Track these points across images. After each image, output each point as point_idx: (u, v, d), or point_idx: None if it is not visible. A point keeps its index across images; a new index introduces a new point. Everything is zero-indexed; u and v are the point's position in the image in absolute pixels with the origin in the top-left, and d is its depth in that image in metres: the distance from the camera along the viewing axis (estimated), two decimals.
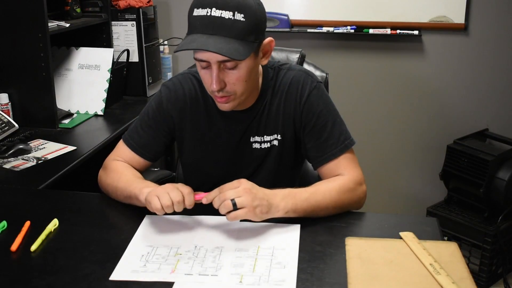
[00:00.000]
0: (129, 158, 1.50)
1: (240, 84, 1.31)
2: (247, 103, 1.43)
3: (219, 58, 1.25)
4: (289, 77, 1.45)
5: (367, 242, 1.21)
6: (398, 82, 2.97)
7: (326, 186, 1.35)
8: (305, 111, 1.43)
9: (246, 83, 1.33)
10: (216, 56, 1.24)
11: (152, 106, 1.50)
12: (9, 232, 1.27)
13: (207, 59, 1.27)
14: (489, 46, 2.82)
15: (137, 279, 1.09)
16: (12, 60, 2.16)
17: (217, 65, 1.27)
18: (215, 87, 1.29)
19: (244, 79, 1.31)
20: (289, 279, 1.08)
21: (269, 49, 1.37)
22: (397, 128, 3.04)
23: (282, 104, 1.44)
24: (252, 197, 1.21)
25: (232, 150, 1.47)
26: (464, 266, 1.12)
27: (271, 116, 1.45)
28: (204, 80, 1.34)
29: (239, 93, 1.33)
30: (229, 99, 1.33)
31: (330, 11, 2.88)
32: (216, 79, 1.28)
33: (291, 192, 1.29)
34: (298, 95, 1.43)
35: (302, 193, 1.30)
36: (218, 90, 1.29)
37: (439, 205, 2.79)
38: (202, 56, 1.27)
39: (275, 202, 1.25)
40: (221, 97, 1.33)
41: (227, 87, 1.31)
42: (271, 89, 1.45)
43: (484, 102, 2.91)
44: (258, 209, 1.21)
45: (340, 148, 1.41)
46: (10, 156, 1.88)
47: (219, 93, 1.31)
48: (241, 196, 1.20)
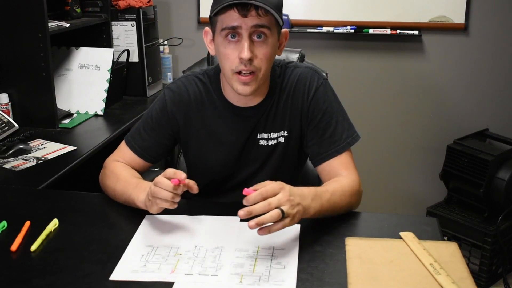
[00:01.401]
0: (130, 160, 1.50)
1: (266, 61, 1.32)
2: (256, 100, 1.44)
3: (254, 21, 1.26)
4: (296, 74, 1.46)
5: (367, 242, 1.21)
6: (398, 82, 2.97)
7: (341, 188, 1.33)
8: (312, 107, 1.44)
9: (269, 64, 1.34)
10: (252, 20, 1.26)
11: (156, 109, 1.50)
12: (9, 232, 1.27)
13: (240, 24, 1.27)
14: (489, 46, 2.83)
15: (137, 279, 1.09)
16: (12, 60, 2.16)
17: (248, 32, 1.28)
18: (247, 55, 1.28)
19: (269, 57, 1.33)
20: (289, 279, 1.08)
21: (284, 40, 1.40)
22: (397, 128, 3.04)
23: (289, 100, 1.45)
24: (292, 204, 1.16)
25: (240, 148, 1.47)
26: (464, 266, 1.12)
27: (278, 113, 1.45)
28: (229, 56, 1.32)
29: (262, 72, 1.33)
30: (252, 77, 1.32)
31: (330, 11, 2.88)
32: (248, 47, 1.28)
33: (317, 192, 1.26)
34: (305, 91, 1.44)
35: (326, 194, 1.28)
36: (248, 59, 1.28)
37: (439, 205, 2.79)
38: (235, 21, 1.27)
39: (307, 205, 1.21)
40: (244, 75, 1.32)
41: (255, 61, 1.31)
42: (279, 86, 1.46)
43: (484, 102, 2.91)
44: (297, 216, 1.17)
45: (342, 146, 1.42)
46: (10, 156, 1.88)
47: (246, 66, 1.30)
48: (285, 205, 1.14)
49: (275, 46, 1.35)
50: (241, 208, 1.15)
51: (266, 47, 1.31)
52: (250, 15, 1.26)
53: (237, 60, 1.30)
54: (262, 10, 1.26)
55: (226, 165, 1.49)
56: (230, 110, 1.45)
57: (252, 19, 1.27)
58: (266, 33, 1.30)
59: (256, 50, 1.30)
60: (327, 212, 1.28)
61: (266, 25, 1.29)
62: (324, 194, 1.27)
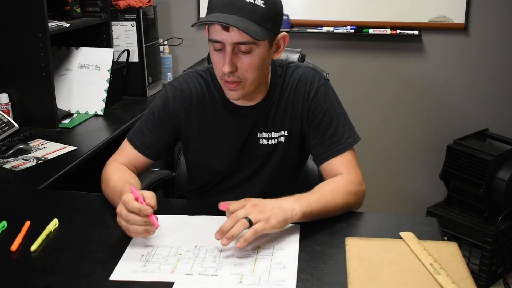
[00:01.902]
0: (132, 157, 1.50)
1: (251, 71, 1.32)
2: (256, 99, 1.44)
3: (234, 39, 1.26)
4: (297, 74, 1.46)
5: (367, 242, 1.21)
6: (398, 82, 2.97)
7: (333, 187, 1.34)
8: (312, 107, 1.44)
9: (257, 72, 1.34)
10: (232, 37, 1.26)
11: (157, 105, 1.50)
12: (9, 232, 1.27)
13: (223, 39, 1.28)
14: (489, 46, 2.83)
15: (137, 279, 1.09)
16: (12, 60, 2.16)
17: (231, 47, 1.28)
18: (227, 69, 1.29)
19: (255, 67, 1.32)
20: (289, 279, 1.08)
21: (282, 44, 1.40)
22: (397, 128, 3.04)
23: (290, 100, 1.45)
24: (261, 209, 1.18)
25: (240, 147, 1.47)
26: (464, 266, 1.12)
27: (279, 112, 1.46)
28: (216, 64, 1.34)
29: (249, 81, 1.34)
30: (238, 85, 1.33)
31: (330, 11, 2.88)
32: (229, 61, 1.29)
33: (301, 195, 1.28)
34: (306, 91, 1.44)
35: (312, 196, 1.29)
36: (229, 72, 1.30)
37: (439, 205, 2.79)
38: (218, 36, 1.28)
39: (289, 206, 1.23)
40: (230, 83, 1.33)
41: (238, 72, 1.31)
42: (279, 86, 1.46)
43: (484, 102, 2.91)
44: (273, 219, 1.18)
45: (343, 146, 1.42)
46: (10, 156, 1.88)
47: (229, 77, 1.31)
48: (252, 213, 1.17)
49: (265, 54, 1.33)
50: None
51: (251, 58, 1.30)
52: (232, 30, 1.26)
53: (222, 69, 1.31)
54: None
55: (226, 163, 1.49)
56: (230, 108, 1.45)
57: (233, 36, 1.26)
58: (251, 47, 1.29)
59: (240, 61, 1.31)
60: (321, 211, 1.28)
61: (249, 41, 1.27)
62: (310, 196, 1.28)
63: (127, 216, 1.17)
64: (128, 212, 1.17)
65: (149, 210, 1.17)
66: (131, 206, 1.17)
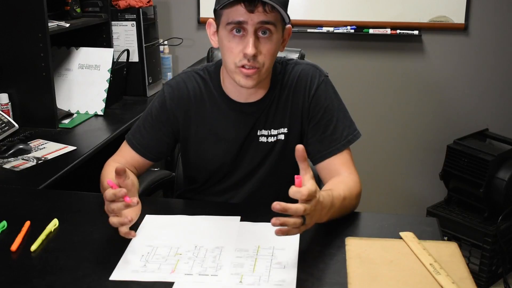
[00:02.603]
0: (130, 158, 1.49)
1: (269, 57, 1.32)
2: (257, 95, 1.44)
3: (261, 18, 1.26)
4: (297, 71, 1.46)
5: (367, 242, 1.21)
6: (398, 82, 2.97)
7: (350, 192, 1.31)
8: (313, 104, 1.44)
9: (272, 60, 1.34)
10: (258, 16, 1.26)
11: (155, 105, 1.50)
12: (9, 232, 1.27)
13: (247, 19, 1.27)
14: (489, 46, 2.83)
15: (137, 279, 1.09)
16: (12, 60, 2.16)
17: (254, 28, 1.27)
18: (252, 51, 1.28)
19: (273, 53, 1.32)
20: (289, 279, 1.08)
21: (287, 37, 1.40)
22: (397, 128, 3.04)
23: (290, 97, 1.45)
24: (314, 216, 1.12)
25: (240, 144, 1.47)
26: (464, 266, 1.12)
27: (279, 109, 1.45)
28: (232, 50, 1.31)
29: (265, 68, 1.33)
30: (256, 71, 1.32)
31: (330, 11, 2.88)
32: (253, 42, 1.28)
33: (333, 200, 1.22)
34: (306, 88, 1.44)
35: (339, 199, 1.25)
36: (253, 55, 1.28)
37: (439, 205, 2.79)
38: (241, 16, 1.27)
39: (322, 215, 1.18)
40: (248, 69, 1.31)
41: (259, 57, 1.31)
42: (279, 83, 1.46)
43: (484, 102, 2.91)
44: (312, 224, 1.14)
45: (343, 144, 1.42)
46: (10, 156, 1.88)
47: (250, 61, 1.30)
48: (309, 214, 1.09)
49: (279, 42, 1.35)
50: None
51: (270, 43, 1.31)
52: (256, 11, 1.26)
53: (241, 54, 1.30)
54: (269, 7, 1.26)
55: (225, 161, 1.49)
56: (230, 106, 1.45)
57: (258, 15, 1.26)
58: (272, 29, 1.29)
59: (261, 46, 1.30)
60: (334, 216, 1.27)
61: (272, 21, 1.28)
62: (337, 201, 1.25)
63: (109, 207, 1.15)
64: (109, 202, 1.15)
65: (123, 191, 1.13)
66: (107, 195, 1.14)
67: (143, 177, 1.64)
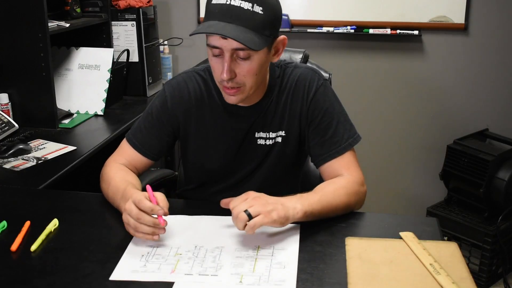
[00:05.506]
0: (131, 158, 1.49)
1: (250, 77, 1.32)
2: (254, 99, 1.44)
3: (233, 45, 1.25)
4: (296, 75, 1.46)
5: (367, 242, 1.21)
6: (398, 82, 2.97)
7: (334, 188, 1.34)
8: (312, 108, 1.44)
9: (256, 77, 1.33)
10: (231, 43, 1.25)
11: (156, 105, 1.50)
12: (9, 232, 1.27)
13: (221, 46, 1.27)
14: (489, 46, 2.83)
15: (137, 279, 1.09)
16: (12, 60, 2.16)
17: (230, 53, 1.27)
18: (226, 76, 1.28)
19: (254, 72, 1.31)
20: (289, 279, 1.08)
21: (281, 47, 1.39)
22: (397, 128, 3.04)
23: (288, 101, 1.45)
24: (263, 202, 1.19)
25: (237, 146, 1.47)
26: (464, 266, 1.12)
27: (277, 112, 1.45)
28: (214, 69, 1.33)
29: (248, 86, 1.33)
30: (238, 91, 1.33)
31: (330, 11, 2.88)
32: (227, 67, 1.28)
33: (302, 195, 1.29)
34: (305, 92, 1.44)
35: (313, 195, 1.30)
36: (228, 79, 1.29)
37: (439, 205, 2.79)
38: (217, 42, 1.27)
39: (291, 204, 1.23)
40: (229, 88, 1.33)
41: (237, 78, 1.31)
42: (278, 87, 1.46)
43: (484, 102, 2.91)
44: (274, 213, 1.19)
45: (344, 146, 1.42)
46: (10, 156, 1.88)
47: (228, 83, 1.31)
48: (253, 206, 1.18)
49: (263, 59, 1.32)
50: None
51: (250, 63, 1.30)
52: (229, 38, 1.24)
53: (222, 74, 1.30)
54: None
55: (224, 163, 1.49)
56: (228, 108, 1.45)
57: (231, 43, 1.25)
58: (249, 52, 1.28)
59: (239, 67, 1.30)
60: (323, 211, 1.28)
61: (247, 48, 1.26)
62: (311, 196, 1.29)
63: (138, 215, 1.18)
64: (140, 211, 1.18)
65: (161, 211, 1.18)
66: (143, 205, 1.17)
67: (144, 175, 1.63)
